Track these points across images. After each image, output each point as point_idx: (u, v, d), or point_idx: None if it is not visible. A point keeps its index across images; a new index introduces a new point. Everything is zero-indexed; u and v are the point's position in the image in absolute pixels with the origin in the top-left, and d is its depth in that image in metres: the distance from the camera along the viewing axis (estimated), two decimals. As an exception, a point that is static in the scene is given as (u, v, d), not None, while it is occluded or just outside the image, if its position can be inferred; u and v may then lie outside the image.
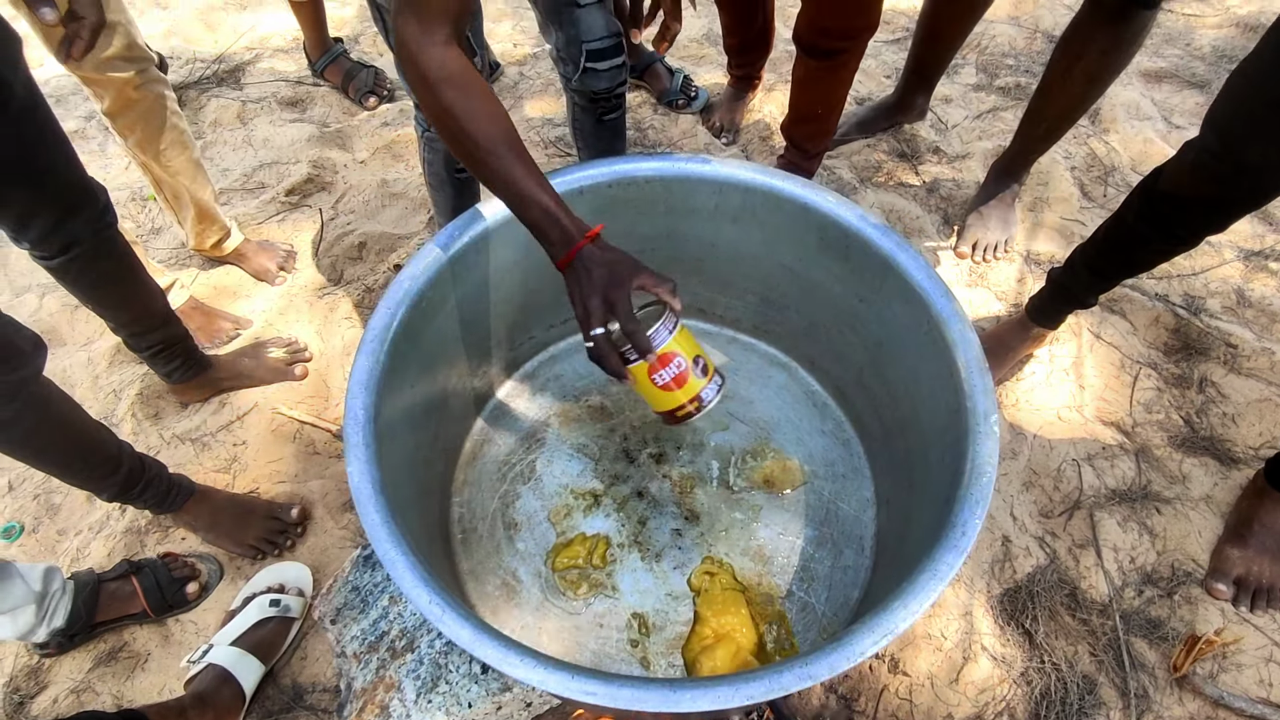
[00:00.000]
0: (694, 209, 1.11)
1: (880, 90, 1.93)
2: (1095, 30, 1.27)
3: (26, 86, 0.86)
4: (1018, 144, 1.55)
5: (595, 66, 1.19)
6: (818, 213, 1.03)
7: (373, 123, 1.95)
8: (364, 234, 1.67)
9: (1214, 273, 1.54)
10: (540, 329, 1.26)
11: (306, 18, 1.89)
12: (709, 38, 2.12)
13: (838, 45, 1.40)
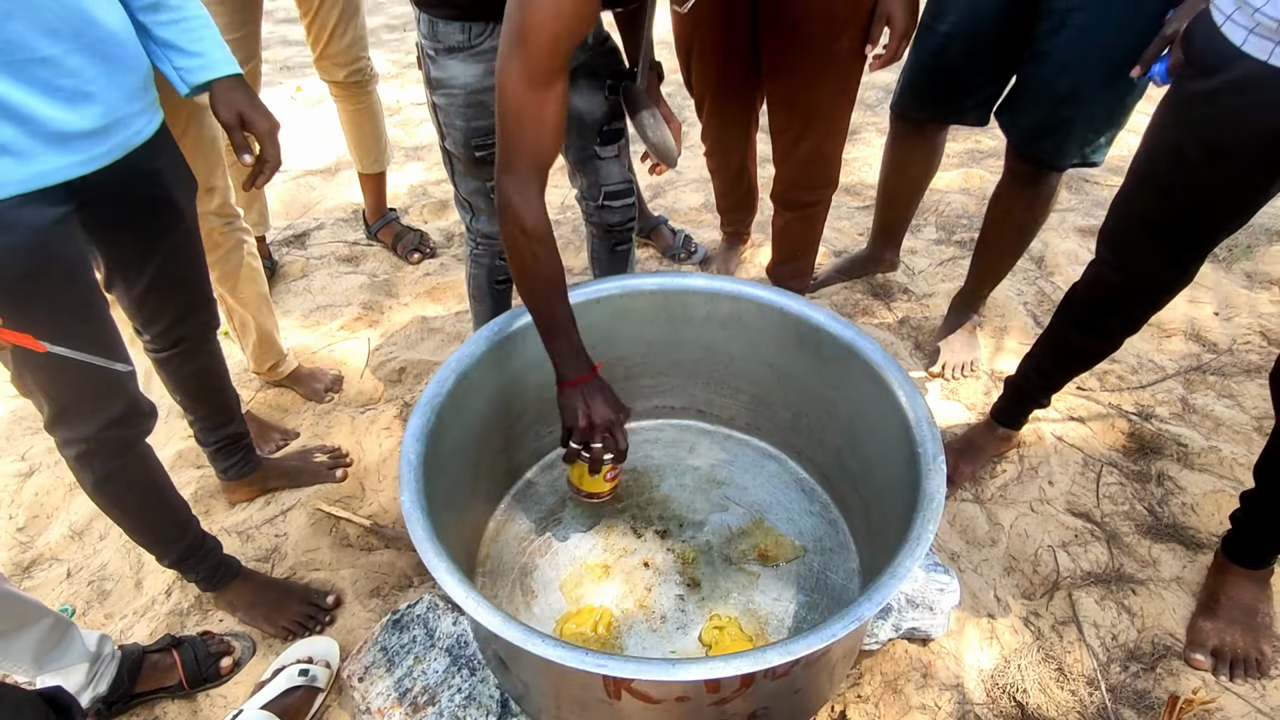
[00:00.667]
0: (690, 317, 1.33)
1: (855, 245, 2.24)
2: (1015, 192, 1.56)
3: (192, 216, 1.12)
4: (970, 282, 1.81)
5: (611, 204, 1.47)
6: (792, 314, 1.24)
7: (416, 274, 2.26)
8: (404, 360, 1.90)
9: (1159, 385, 1.72)
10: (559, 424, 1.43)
11: (371, 189, 2.27)
12: (706, 206, 2.49)
13: (807, 200, 1.72)
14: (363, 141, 2.12)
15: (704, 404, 1.46)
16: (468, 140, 1.30)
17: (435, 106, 1.31)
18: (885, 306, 2.03)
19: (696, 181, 2.65)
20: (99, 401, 1.02)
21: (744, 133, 1.85)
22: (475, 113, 1.26)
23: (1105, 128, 1.35)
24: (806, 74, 1.49)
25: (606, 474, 1.17)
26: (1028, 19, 1.31)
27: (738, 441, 1.46)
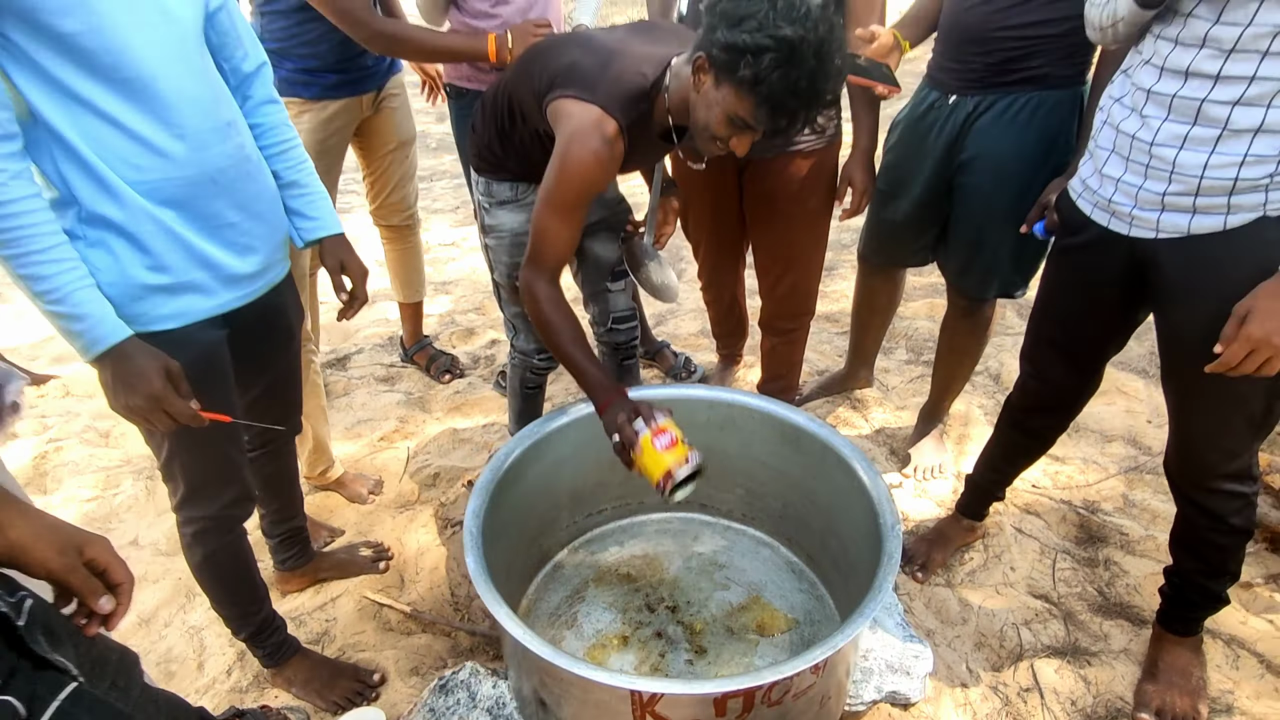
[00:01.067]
0: (694, 421, 1.58)
1: (835, 365, 2.54)
2: (956, 319, 1.89)
3: (299, 340, 1.42)
4: (933, 395, 2.09)
5: (618, 328, 1.77)
6: (777, 417, 1.51)
7: (447, 392, 2.54)
8: (438, 467, 2.14)
9: (1103, 484, 1.96)
10: (581, 515, 1.66)
11: (409, 317, 2.60)
12: (703, 332, 2.82)
13: (788, 326, 2.03)
14: (406, 276, 2.47)
15: (705, 498, 1.70)
16: (510, 273, 1.63)
17: (487, 246, 1.65)
18: (863, 418, 2.30)
19: (694, 311, 3.00)
20: (222, 486, 1.27)
21: (734, 272, 2.20)
22: (518, 251, 1.59)
23: (1014, 268, 1.68)
24: (783, 228, 1.85)
25: (657, 437, 1.24)
26: (947, 185, 1.67)
27: (736, 531, 1.68)
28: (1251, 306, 1.03)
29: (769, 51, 1.07)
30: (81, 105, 0.99)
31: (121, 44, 0.98)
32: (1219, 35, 0.99)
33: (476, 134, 1.58)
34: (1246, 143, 1.00)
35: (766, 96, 1.10)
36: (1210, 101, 1.01)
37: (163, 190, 1.07)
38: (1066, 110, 1.47)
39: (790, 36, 1.06)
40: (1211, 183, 1.04)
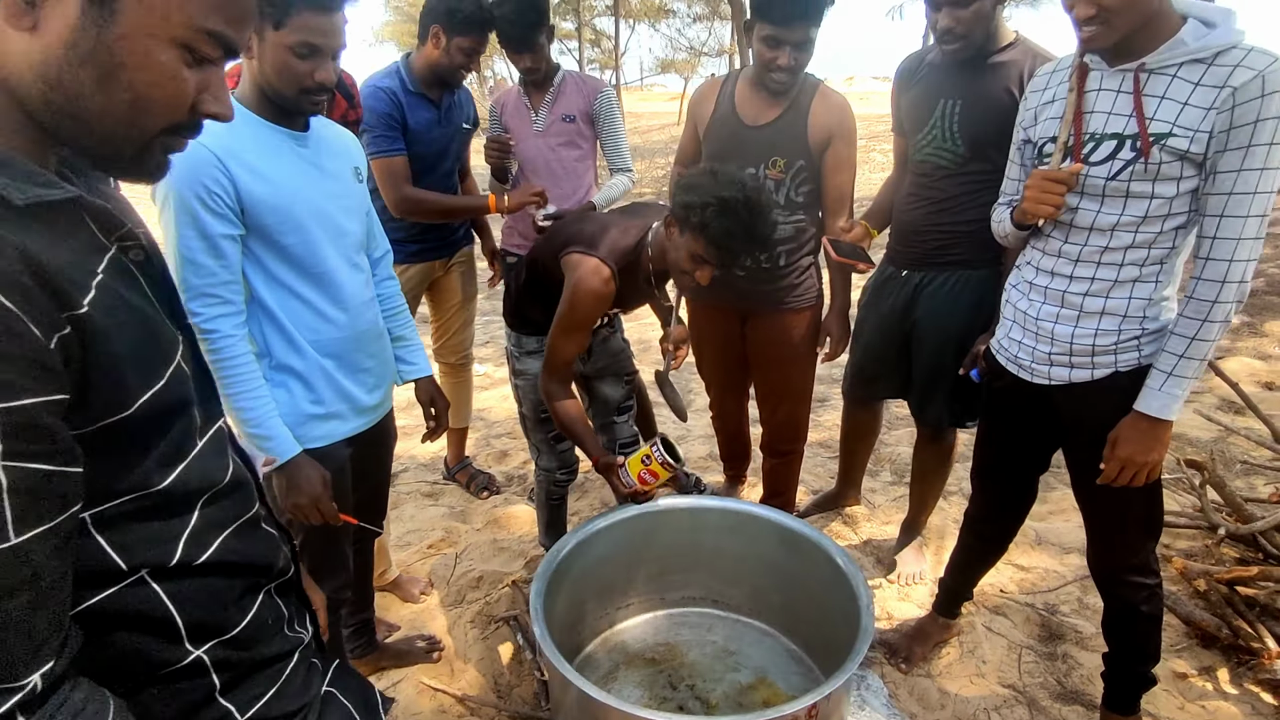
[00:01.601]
0: (706, 526, 1.93)
1: (827, 486, 2.89)
2: (924, 445, 2.27)
3: (391, 458, 1.79)
4: (910, 511, 2.42)
5: (624, 453, 2.15)
6: (776, 522, 1.85)
7: (485, 507, 2.87)
8: (481, 571, 2.44)
9: (1062, 590, 2.25)
10: (612, 608, 1.96)
11: (455, 440, 2.98)
12: (711, 455, 3.19)
13: (785, 449, 2.41)
14: (457, 405, 2.87)
15: (718, 594, 2.00)
16: (535, 409, 2.05)
17: (516, 386, 2.08)
18: (853, 531, 2.62)
19: (704, 437, 3.38)
20: (336, 572, 1.60)
21: (739, 404, 2.60)
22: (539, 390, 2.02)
23: (960, 405, 2.07)
24: (778, 368, 2.28)
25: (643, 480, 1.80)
26: (906, 338, 2.10)
27: (744, 623, 1.97)
28: (1117, 435, 1.41)
29: (710, 206, 1.55)
30: (285, 289, 1.43)
31: (317, 251, 1.44)
32: (1067, 251, 1.44)
33: (509, 293, 2.05)
34: (1095, 321, 1.43)
35: (712, 237, 1.56)
36: (1068, 293, 1.45)
37: (328, 346, 1.49)
38: (989, 284, 1.93)
39: (725, 196, 1.54)
40: (1078, 346, 1.46)
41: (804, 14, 1.81)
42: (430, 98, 2.31)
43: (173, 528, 0.67)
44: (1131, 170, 1.31)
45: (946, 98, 1.86)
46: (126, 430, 0.60)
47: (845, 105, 2.05)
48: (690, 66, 25.06)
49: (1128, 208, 1.35)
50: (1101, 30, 1.25)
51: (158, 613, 0.67)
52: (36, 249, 0.53)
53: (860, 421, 2.48)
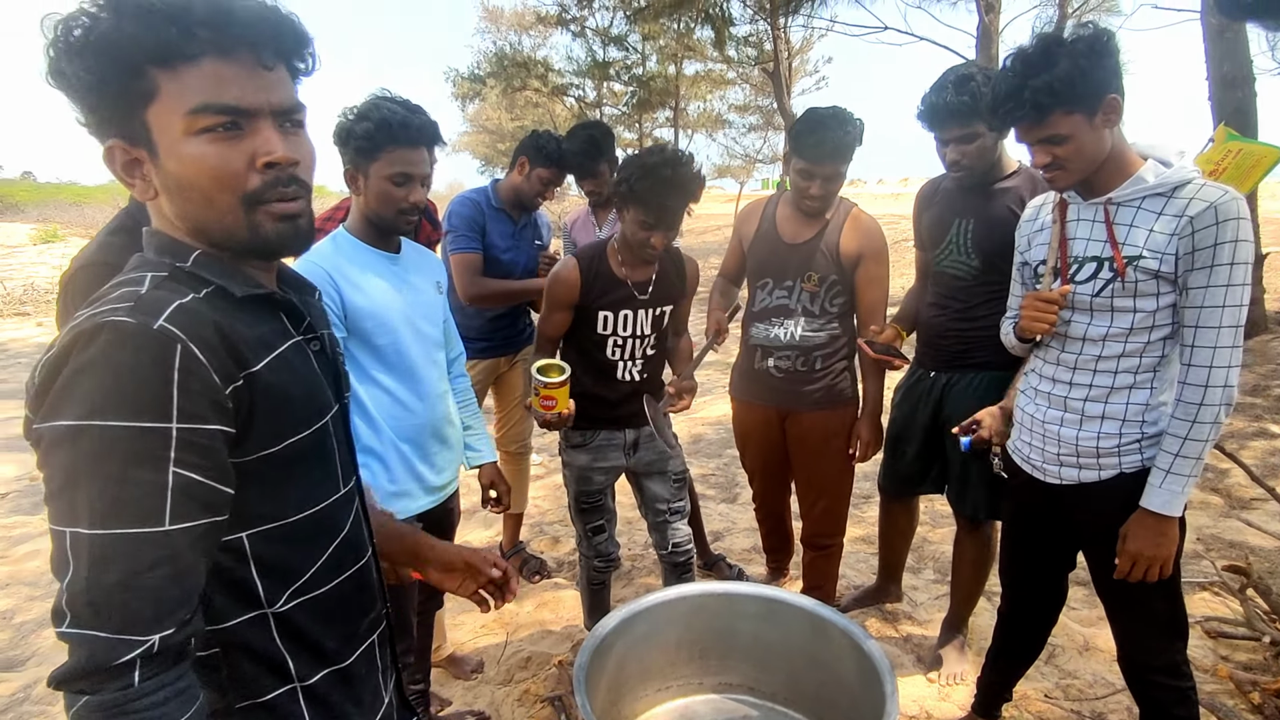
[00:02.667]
0: (744, 612, 2.03)
1: (868, 581, 2.93)
2: (963, 538, 2.33)
3: (453, 534, 1.99)
4: (952, 608, 2.45)
5: (677, 552, 2.28)
6: (810, 612, 1.94)
7: (537, 590, 3.01)
8: (530, 652, 2.56)
9: (1111, 697, 2.22)
10: (651, 689, 2.04)
11: (510, 525, 3.16)
12: (754, 548, 3.26)
13: (824, 543, 2.50)
14: (514, 491, 3.06)
15: (754, 680, 2.07)
16: (577, 497, 2.24)
17: (564, 475, 2.26)
18: (893, 629, 2.64)
19: (747, 530, 3.47)
20: (402, 635, 1.77)
21: (781, 497, 2.72)
22: (583, 482, 2.21)
23: (995, 497, 2.15)
24: (815, 464, 2.41)
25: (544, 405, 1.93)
26: (939, 434, 2.22)
27: (779, 713, 2.03)
28: (1126, 531, 1.50)
29: (635, 174, 1.87)
30: (374, 383, 1.69)
31: (404, 351, 1.71)
32: (1065, 359, 1.58)
33: None
34: (1097, 425, 1.55)
35: (644, 198, 1.87)
36: (1069, 398, 1.58)
37: (406, 432, 1.73)
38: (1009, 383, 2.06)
39: (647, 162, 1.88)
40: (1083, 448, 1.57)
41: (831, 155, 2.08)
42: (510, 216, 2.68)
43: (304, 559, 0.86)
44: (1112, 288, 1.47)
45: (960, 217, 2.08)
46: (277, 463, 0.81)
47: (875, 228, 2.27)
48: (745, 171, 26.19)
49: (1115, 320, 1.50)
50: (1060, 174, 1.47)
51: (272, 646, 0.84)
52: (230, 324, 0.76)
53: (896, 517, 2.56)
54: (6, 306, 11.13)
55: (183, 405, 0.69)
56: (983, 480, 2.15)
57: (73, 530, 0.67)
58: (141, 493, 0.68)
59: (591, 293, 2.08)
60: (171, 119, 0.73)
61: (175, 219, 0.80)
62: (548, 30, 20.60)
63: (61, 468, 0.68)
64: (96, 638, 0.67)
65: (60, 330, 1.14)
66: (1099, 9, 9.48)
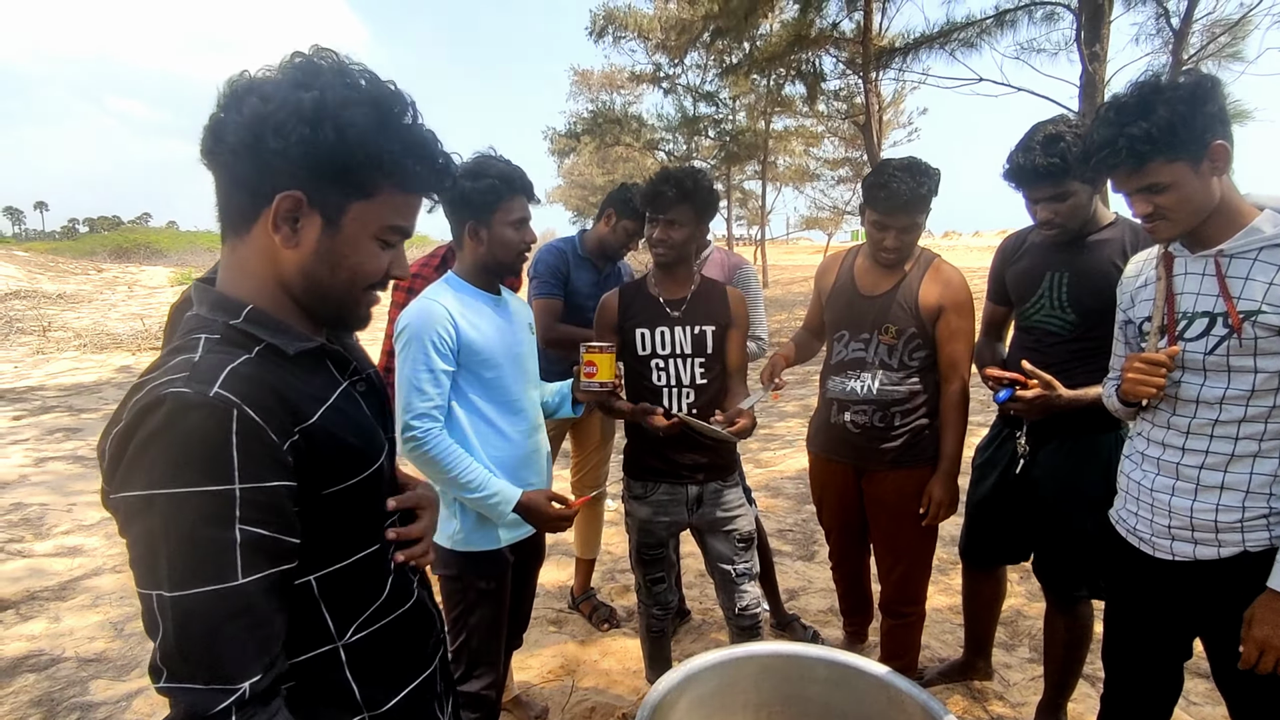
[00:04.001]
0: (815, 677, 1.94)
1: (954, 654, 2.75)
2: (1055, 617, 2.17)
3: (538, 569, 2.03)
4: (1047, 691, 2.27)
5: (744, 617, 2.21)
6: (885, 682, 1.84)
7: (605, 639, 2.99)
8: (595, 702, 2.53)
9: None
10: (716, 752, 1.97)
11: (582, 570, 3.17)
12: (831, 609, 3.13)
13: (904, 610, 2.37)
14: (588, 536, 3.09)
15: (824, 754, 1.96)
16: (638, 548, 2.23)
17: (626, 524, 2.26)
18: (982, 709, 2.45)
19: (824, 590, 3.34)
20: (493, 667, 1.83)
21: (858, 557, 2.61)
22: (644, 534, 2.20)
23: (1083, 573, 1.99)
24: (893, 526, 2.31)
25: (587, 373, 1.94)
26: (1027, 500, 2.09)
27: (851, 790, 1.91)
28: (1252, 615, 1.36)
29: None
30: (478, 414, 1.80)
31: (507, 384, 1.81)
32: (1176, 423, 1.47)
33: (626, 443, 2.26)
34: (1216, 496, 1.42)
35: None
36: (1182, 465, 1.46)
37: (504, 461, 1.83)
38: (1111, 446, 1.92)
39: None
40: (1199, 521, 1.44)
41: (904, 206, 2.05)
42: (595, 264, 2.79)
43: (370, 592, 0.91)
44: (1228, 345, 1.37)
45: (1054, 270, 1.99)
46: (339, 505, 0.86)
47: (958, 279, 2.21)
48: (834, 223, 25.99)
49: (1233, 381, 1.39)
50: (1162, 225, 1.39)
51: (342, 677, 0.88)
52: (282, 381, 0.82)
53: (982, 586, 2.41)
54: (145, 342, 12.30)
55: (244, 466, 0.74)
56: (1077, 556, 2.00)
57: (157, 593, 0.73)
58: (212, 551, 0.73)
59: (628, 312, 2.16)
60: (369, 219, 0.87)
61: (295, 272, 0.87)
62: (639, 87, 21.40)
63: (139, 536, 0.74)
64: (193, 690, 0.72)
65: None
66: (1219, 55, 8.94)
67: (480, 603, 1.79)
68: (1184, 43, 8.65)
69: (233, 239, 0.87)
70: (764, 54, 12.39)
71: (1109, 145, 1.36)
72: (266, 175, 0.81)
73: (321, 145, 0.80)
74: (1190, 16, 8.56)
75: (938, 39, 9.49)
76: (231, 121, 0.80)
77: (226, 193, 0.85)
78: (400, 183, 0.87)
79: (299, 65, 0.82)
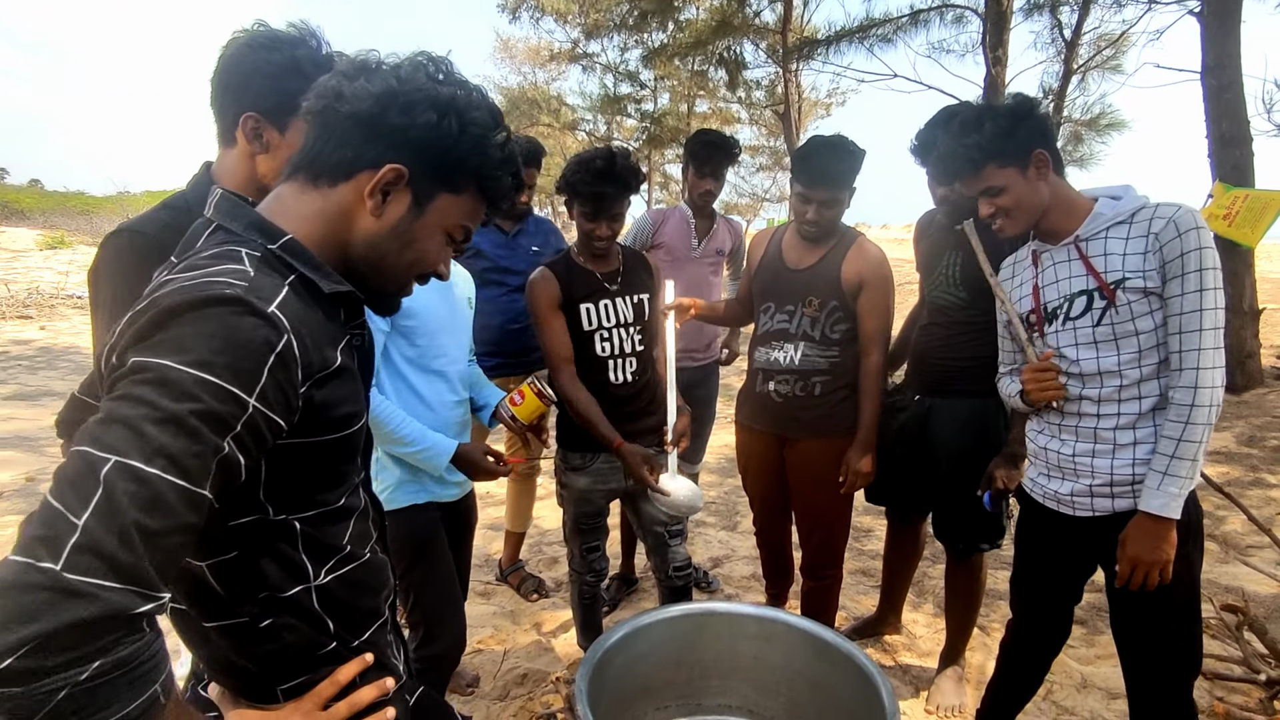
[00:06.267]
0: (744, 633, 2.04)
1: (866, 608, 2.93)
2: (953, 569, 2.35)
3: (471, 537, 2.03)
4: (948, 639, 2.46)
5: (676, 576, 2.29)
6: (811, 634, 1.95)
7: (534, 609, 3.00)
8: (526, 669, 2.55)
9: (1107, 736, 2.22)
10: (650, 708, 2.04)
11: (512, 543, 3.17)
12: (754, 576, 3.27)
13: (822, 573, 2.51)
14: (519, 510, 3.09)
15: (754, 704, 2.06)
16: (576, 518, 2.27)
17: (561, 496, 2.29)
18: (891, 659, 2.64)
19: (746, 558, 3.48)
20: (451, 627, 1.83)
21: (781, 524, 2.72)
22: (583, 504, 2.23)
23: (973, 529, 2.20)
24: (812, 493, 2.43)
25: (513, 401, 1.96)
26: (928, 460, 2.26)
27: (778, 737, 2.02)
28: (1125, 536, 1.53)
29: (569, 170, 2.05)
30: (402, 379, 1.77)
31: (439, 353, 1.78)
32: (1089, 394, 1.61)
33: (560, 413, 2.29)
34: (1131, 452, 1.57)
35: (579, 189, 2.04)
36: (1100, 429, 1.60)
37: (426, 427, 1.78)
38: (993, 411, 2.12)
39: (582, 158, 2.04)
40: (1119, 477, 1.58)
41: (829, 180, 2.15)
42: (499, 227, 2.87)
43: (340, 533, 0.91)
44: (1110, 315, 1.55)
45: (951, 250, 2.16)
46: (330, 450, 0.85)
47: (879, 257, 2.32)
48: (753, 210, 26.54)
49: (1122, 348, 1.56)
50: (1006, 222, 1.63)
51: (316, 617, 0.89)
52: (314, 322, 0.80)
53: (900, 540, 2.59)
54: (10, 309, 11.19)
55: (265, 389, 0.72)
56: (965, 512, 2.18)
57: (118, 459, 0.62)
58: (197, 448, 0.67)
59: (571, 286, 2.16)
60: (449, 213, 0.92)
61: (364, 240, 0.89)
62: (561, 65, 21.08)
63: (130, 398, 0.66)
64: (103, 587, 0.59)
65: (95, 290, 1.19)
66: (1103, 66, 9.70)
67: (418, 559, 1.78)
68: (1074, 53, 9.33)
69: (309, 186, 0.88)
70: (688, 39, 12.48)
71: (952, 155, 1.65)
72: (378, 144, 0.85)
73: (443, 134, 0.86)
74: (1080, 30, 9.24)
75: (856, 33, 9.84)
76: (360, 89, 0.84)
77: (324, 147, 0.86)
78: (485, 189, 0.93)
79: (432, 60, 0.89)
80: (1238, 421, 5.29)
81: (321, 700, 0.87)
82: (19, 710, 0.55)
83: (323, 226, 0.87)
